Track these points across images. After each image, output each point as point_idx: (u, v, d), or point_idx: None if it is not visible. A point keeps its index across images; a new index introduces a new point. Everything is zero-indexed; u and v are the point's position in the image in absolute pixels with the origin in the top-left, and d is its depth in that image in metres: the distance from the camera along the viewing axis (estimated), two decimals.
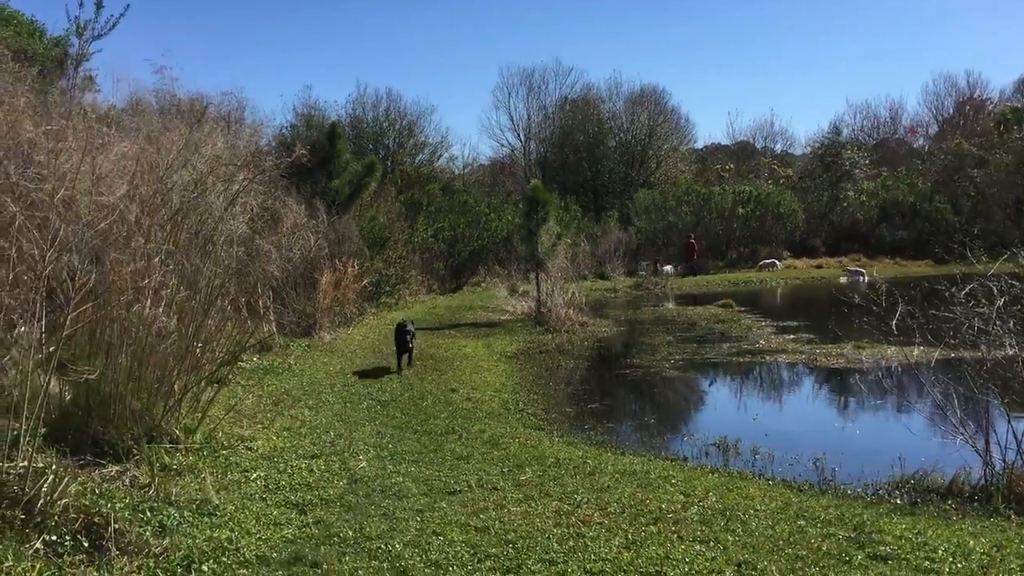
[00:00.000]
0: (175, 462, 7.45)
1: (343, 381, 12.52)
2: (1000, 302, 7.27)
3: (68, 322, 5.53)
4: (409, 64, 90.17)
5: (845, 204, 45.76)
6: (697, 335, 19.37)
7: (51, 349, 5.95)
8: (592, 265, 35.43)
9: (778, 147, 62.36)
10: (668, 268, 35.18)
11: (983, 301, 7.43)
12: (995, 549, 5.55)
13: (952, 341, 7.82)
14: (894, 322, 8.25)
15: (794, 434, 10.64)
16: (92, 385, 7.74)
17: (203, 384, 8.78)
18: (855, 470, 8.30)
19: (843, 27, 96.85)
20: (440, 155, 51.72)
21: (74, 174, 5.32)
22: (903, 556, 5.39)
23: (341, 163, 24.76)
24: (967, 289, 7.54)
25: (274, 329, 15.41)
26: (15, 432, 5.75)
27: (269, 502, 6.64)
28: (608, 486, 7.19)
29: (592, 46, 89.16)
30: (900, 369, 12.90)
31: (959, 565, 5.21)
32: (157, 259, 6.40)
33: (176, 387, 8.34)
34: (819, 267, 40.57)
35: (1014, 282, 7.74)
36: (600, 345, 18.55)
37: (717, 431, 10.17)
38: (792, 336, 18.53)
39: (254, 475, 7.38)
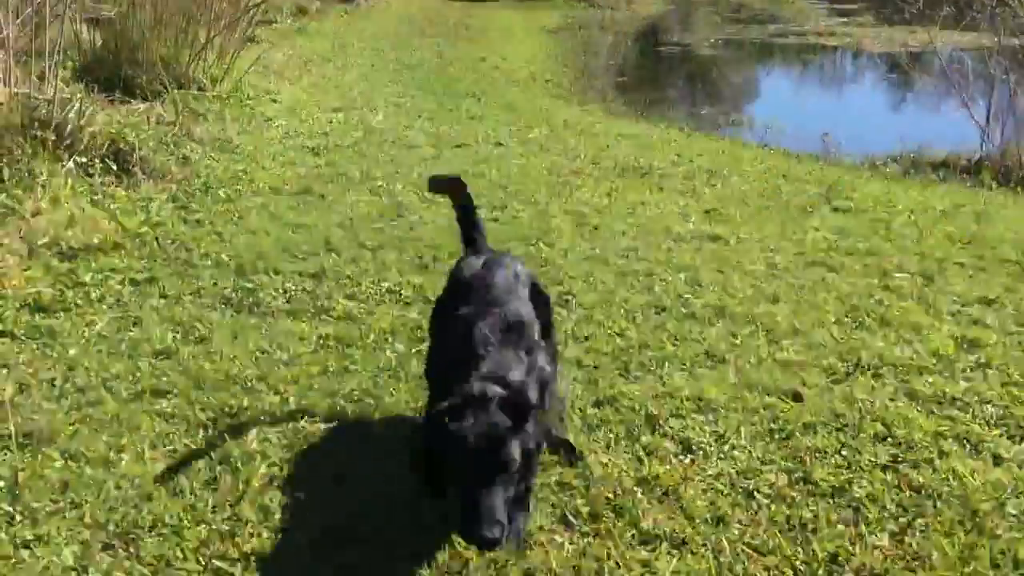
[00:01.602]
0: (201, 107, 7.84)
1: (374, 45, 12.61)
2: None
3: None
4: None
5: None
6: (745, 16, 18.71)
7: None
8: None
9: None
10: None
11: None
12: (954, 207, 5.86)
13: (976, 16, 7.61)
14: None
15: (814, 113, 10.68)
16: (120, 31, 8.03)
17: (228, 34, 8.98)
18: (861, 145, 8.44)
19: None
20: None
21: None
22: (863, 209, 5.72)
23: None
24: None
25: None
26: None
27: (287, 145, 7.10)
28: (608, 146, 7.50)
29: None
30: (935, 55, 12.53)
31: (912, 218, 5.53)
32: None
33: (200, 36, 8.58)
34: None
35: None
36: (644, 22, 18.13)
37: (737, 108, 10.27)
38: (845, 19, 17.81)
39: (276, 123, 7.79)
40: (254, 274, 4.49)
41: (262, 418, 3.05)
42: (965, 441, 2.95)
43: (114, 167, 5.76)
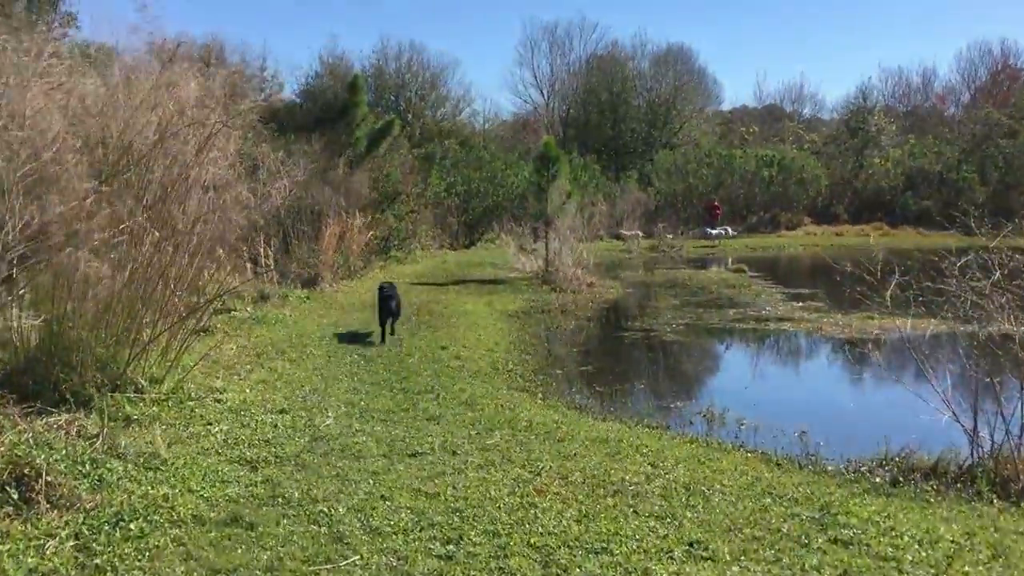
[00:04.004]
0: (136, 412, 7.30)
1: (333, 334, 12.31)
2: (996, 275, 6.88)
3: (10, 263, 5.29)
4: (432, 15, 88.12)
5: (870, 171, 44.79)
6: (704, 300, 18.99)
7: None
8: (609, 225, 35.05)
9: (806, 111, 61.13)
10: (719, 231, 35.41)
11: (978, 274, 7.04)
12: (965, 537, 5.24)
13: (947, 315, 7.44)
14: (888, 292, 7.86)
15: (785, 405, 10.33)
16: (57, 331, 7.59)
17: (174, 332, 8.57)
18: (841, 446, 8.01)
19: None
20: (462, 109, 51.14)
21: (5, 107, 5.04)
22: (865, 541, 5.09)
23: (358, 116, 24.48)
24: (963, 261, 7.15)
25: (260, 277, 15.26)
26: None
27: (223, 457, 6.45)
28: (575, 454, 6.93)
29: (616, 1, 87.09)
30: (904, 342, 12.49)
31: (924, 554, 4.90)
32: (89, 200, 6.12)
33: (144, 334, 8.16)
34: (839, 235, 39.86)
35: (1017, 255, 7.31)
36: (604, 306, 18.25)
37: (706, 399, 9.89)
38: (800, 304, 18.10)
39: (216, 428, 7.19)
40: None
41: None
42: None
43: (14, 495, 5.04)
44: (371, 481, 6.03)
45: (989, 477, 6.67)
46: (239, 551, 4.76)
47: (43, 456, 5.46)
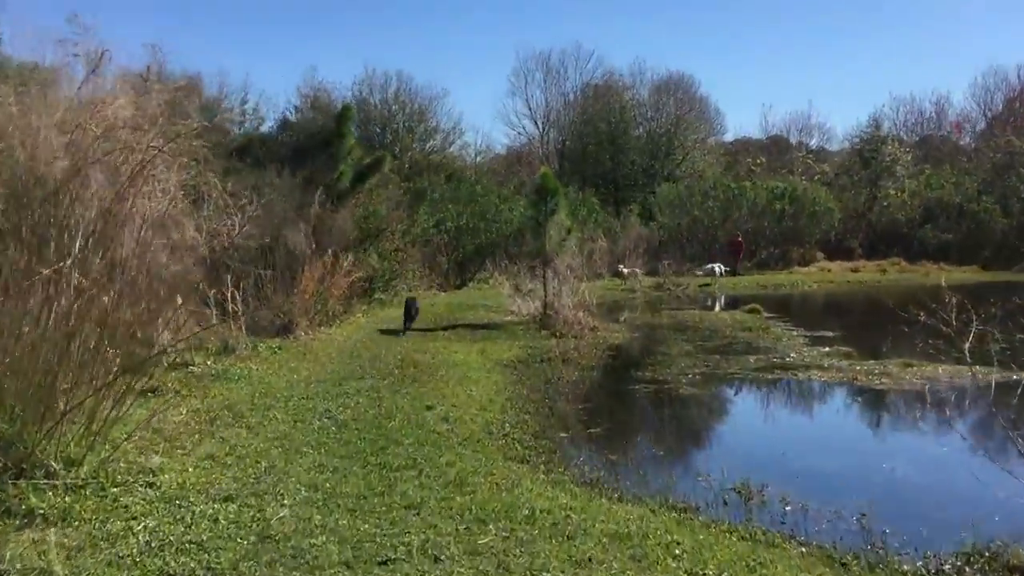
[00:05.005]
0: (43, 504, 5.89)
1: (302, 392, 10.81)
2: None
3: None
4: (420, 44, 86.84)
5: (885, 203, 43.40)
6: (719, 345, 17.54)
7: None
8: (610, 263, 33.67)
9: (814, 142, 59.84)
10: (717, 266, 33.91)
11: None
12: None
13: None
14: (967, 345, 6.45)
15: (832, 476, 8.81)
16: None
17: (102, 396, 7.06)
18: (910, 531, 6.66)
19: (888, 15, 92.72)
20: (453, 142, 49.91)
21: None
22: None
23: (344, 149, 23.08)
24: None
25: (226, 324, 13.73)
26: None
27: (138, 573, 4.96)
28: (591, 558, 5.44)
29: (613, 28, 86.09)
30: (958, 394, 11.07)
31: None
32: None
33: (62, 403, 6.69)
34: (855, 270, 38.47)
35: None
36: (609, 354, 16.76)
37: (738, 469, 8.38)
38: (827, 349, 16.65)
39: (140, 526, 5.74)
40: None
41: None
42: None
43: None
44: None
45: None
46: None
47: None
